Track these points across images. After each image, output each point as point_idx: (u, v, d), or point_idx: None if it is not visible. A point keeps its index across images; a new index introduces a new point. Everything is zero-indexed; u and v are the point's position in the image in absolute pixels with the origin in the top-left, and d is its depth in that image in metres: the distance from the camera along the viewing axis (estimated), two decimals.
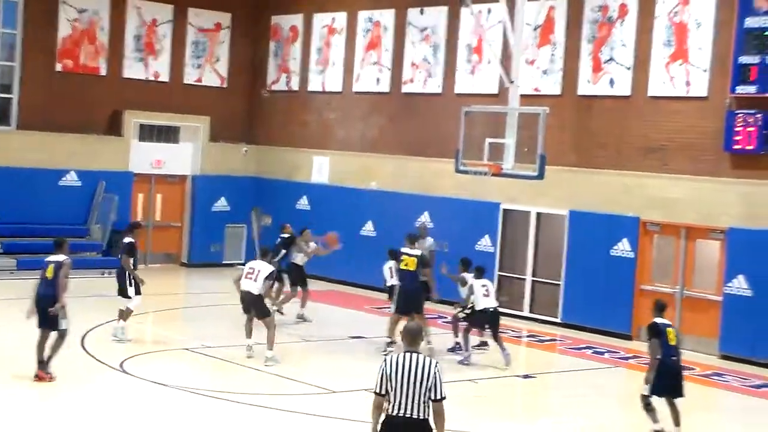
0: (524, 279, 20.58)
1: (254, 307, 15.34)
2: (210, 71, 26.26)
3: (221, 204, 25.75)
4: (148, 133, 25.35)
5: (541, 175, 17.89)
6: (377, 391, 8.03)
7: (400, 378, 7.96)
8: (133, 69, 25.05)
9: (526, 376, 15.49)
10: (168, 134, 25.65)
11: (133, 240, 16.64)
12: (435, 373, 8.00)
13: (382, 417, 8.07)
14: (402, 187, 22.90)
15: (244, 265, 18.21)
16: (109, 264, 23.31)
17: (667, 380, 12.13)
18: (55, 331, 13.47)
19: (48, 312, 13.39)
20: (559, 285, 19.86)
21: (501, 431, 12.55)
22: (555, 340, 18.26)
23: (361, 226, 23.27)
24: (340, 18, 24.79)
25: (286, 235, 18.84)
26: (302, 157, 25.33)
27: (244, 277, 15.38)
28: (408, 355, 8.05)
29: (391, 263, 17.35)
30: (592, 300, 19.15)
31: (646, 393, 12.20)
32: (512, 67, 19.25)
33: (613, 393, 15.74)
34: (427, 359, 8.09)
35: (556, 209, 20.23)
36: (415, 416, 7.97)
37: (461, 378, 15.14)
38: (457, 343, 16.65)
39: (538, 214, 20.62)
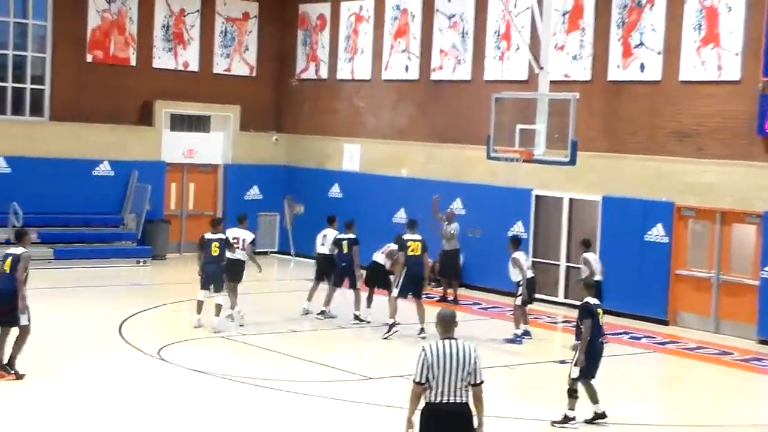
0: (558, 264, 20.59)
1: (239, 273, 16.92)
2: (239, 60, 26.36)
3: (253, 193, 25.90)
4: (179, 123, 25.51)
5: (573, 161, 17.91)
6: (418, 380, 8.08)
7: (443, 365, 8.03)
8: (162, 59, 25.19)
9: (562, 362, 15.47)
10: (199, 123, 25.81)
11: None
12: (475, 357, 8.12)
13: (421, 405, 8.13)
14: (433, 174, 22.94)
15: (277, 253, 18.39)
16: (142, 253, 23.59)
17: (594, 362, 12.02)
18: (16, 327, 12.83)
19: (5, 307, 12.70)
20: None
21: (538, 417, 12.59)
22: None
23: (393, 213, 23.33)
24: (368, 5, 24.82)
25: (352, 236, 17.94)
26: (333, 145, 25.42)
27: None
28: (447, 341, 8.14)
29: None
30: (626, 285, 19.13)
31: (575, 376, 11.94)
32: (541, 53, 19.23)
33: (651, 378, 15.77)
34: (467, 344, 8.17)
35: (588, 195, 20.21)
36: (458, 401, 8.07)
37: (498, 364, 15.21)
38: (516, 334, 16.77)
39: (571, 200, 20.61)
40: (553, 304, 20.27)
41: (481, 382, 8.14)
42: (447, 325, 8.23)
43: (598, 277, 16.77)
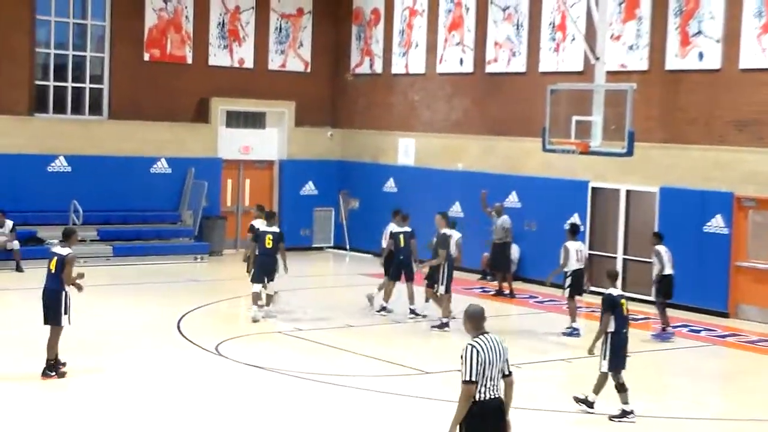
0: (615, 257, 20.38)
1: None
2: (293, 56, 26.45)
3: (309, 188, 25.98)
4: (235, 120, 25.68)
5: (630, 152, 17.71)
6: (474, 378, 8.00)
7: (491, 361, 8.06)
8: (218, 56, 25.36)
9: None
10: (254, 120, 25.95)
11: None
12: (506, 348, 8.23)
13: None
14: (488, 167, 22.84)
15: (333, 248, 18.44)
16: (199, 249, 23.79)
17: (621, 353, 12.01)
18: (54, 326, 12.88)
19: (49, 307, 12.85)
20: (651, 263, 19.57)
21: (597, 411, 12.46)
22: (649, 318, 18.05)
23: (448, 207, 23.20)
24: None
25: (408, 230, 17.93)
26: (387, 139, 25.40)
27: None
28: (486, 336, 8.16)
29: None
30: (685, 277, 18.84)
31: (605, 370, 11.97)
32: (597, 44, 19.04)
33: (711, 372, 15.55)
34: (497, 337, 8.24)
35: (646, 186, 19.98)
36: (499, 395, 8.16)
37: (553, 358, 15.11)
38: (573, 328, 16.67)
39: (628, 192, 20.39)
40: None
41: (511, 372, 8.27)
42: (479, 321, 8.25)
43: (668, 271, 16.74)
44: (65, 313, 12.84)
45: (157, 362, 14.05)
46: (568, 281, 16.78)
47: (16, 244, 21.12)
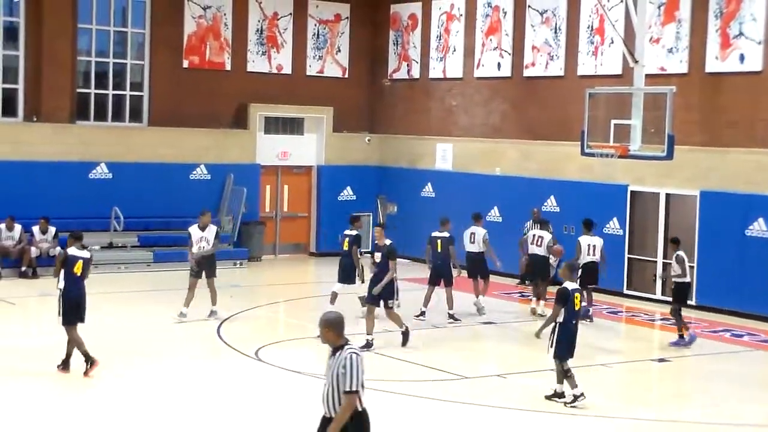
0: (655, 261, 20.24)
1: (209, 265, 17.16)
2: (331, 62, 26.54)
3: (347, 193, 26.05)
4: (273, 126, 25.80)
5: (670, 156, 17.59)
6: (358, 388, 7.94)
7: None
8: (256, 63, 25.50)
9: (661, 360, 15.26)
10: (292, 126, 26.06)
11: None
12: None
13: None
14: (527, 171, 22.78)
15: (371, 253, 18.45)
16: (238, 255, 23.91)
17: (570, 343, 12.46)
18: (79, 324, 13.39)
19: (80, 307, 13.38)
20: (692, 267, 19.46)
21: (638, 416, 12.39)
22: (690, 323, 17.91)
23: (486, 211, 23.20)
24: (459, 4, 24.74)
25: (446, 235, 17.93)
26: (425, 144, 25.41)
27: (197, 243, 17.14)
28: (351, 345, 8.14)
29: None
30: (727, 282, 18.72)
31: (552, 357, 12.45)
32: (636, 47, 18.93)
33: (754, 377, 15.37)
34: None
35: (686, 190, 19.83)
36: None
37: (593, 363, 15.03)
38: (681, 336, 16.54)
39: (668, 195, 20.25)
40: (651, 301, 19.94)
41: None
42: (343, 328, 8.01)
43: (688, 279, 16.55)
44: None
45: (197, 367, 14.14)
46: (578, 273, 16.88)
47: (59, 250, 21.29)
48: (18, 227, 21.04)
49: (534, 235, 18.91)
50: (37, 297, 18.14)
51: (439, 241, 17.79)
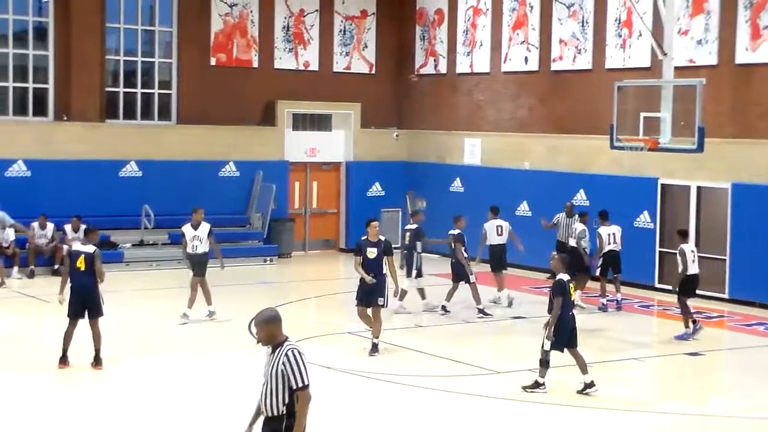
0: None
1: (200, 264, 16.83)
2: (358, 58, 26.56)
3: (376, 189, 26.07)
4: (301, 122, 25.85)
5: (700, 148, 17.46)
6: (308, 382, 7.65)
7: None
8: (283, 60, 25.55)
9: (694, 354, 15.19)
10: (320, 122, 26.11)
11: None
12: None
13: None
14: (555, 165, 22.72)
15: (400, 248, 18.49)
16: (268, 252, 23.99)
17: (566, 333, 12.58)
18: (92, 320, 13.52)
19: (87, 302, 13.47)
20: (724, 260, 19.37)
21: (672, 410, 12.35)
22: (723, 316, 17.82)
23: (516, 206, 23.20)
24: None
25: (456, 232, 17.99)
26: (453, 139, 25.39)
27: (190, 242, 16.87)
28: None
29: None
30: (761, 274, 18.58)
31: (548, 349, 12.58)
32: (665, 39, 18.80)
33: None
34: None
35: (717, 182, 19.71)
36: None
37: (626, 357, 14.99)
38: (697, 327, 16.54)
39: (699, 188, 20.13)
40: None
41: None
42: (281, 324, 7.73)
43: (692, 271, 16.36)
44: (103, 303, 13.61)
45: (229, 363, 14.20)
46: (600, 261, 18.34)
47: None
48: (50, 226, 21.21)
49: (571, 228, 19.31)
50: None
51: (450, 238, 17.84)
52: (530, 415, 12.08)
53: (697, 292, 19.42)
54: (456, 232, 17.84)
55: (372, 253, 14.69)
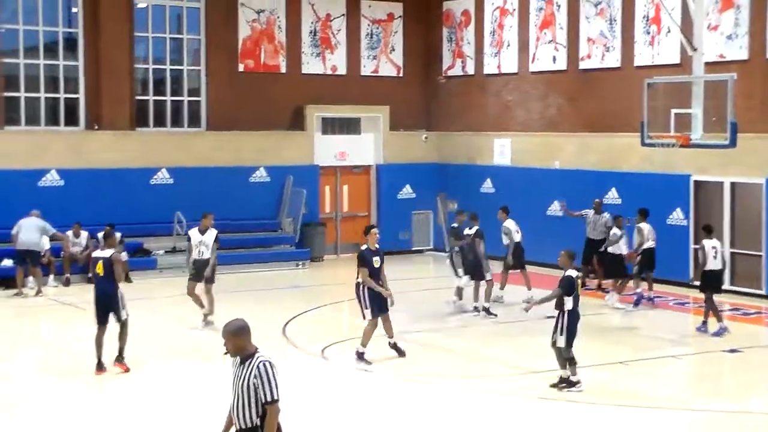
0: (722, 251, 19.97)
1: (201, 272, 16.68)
2: (385, 61, 26.59)
3: (406, 191, 26.08)
4: (330, 126, 25.90)
5: (733, 144, 17.34)
6: (278, 397, 7.49)
7: None
8: (311, 64, 25.61)
9: (732, 351, 15.07)
10: (349, 126, 26.15)
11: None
12: None
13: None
14: (586, 164, 22.63)
15: (432, 251, 18.47)
16: (300, 256, 24.04)
17: (575, 329, 12.66)
18: (117, 323, 13.73)
19: (107, 308, 13.66)
20: (760, 256, 19.20)
21: (710, 408, 12.25)
22: (761, 312, 17.67)
23: (547, 206, 23.13)
24: None
25: (474, 229, 18.09)
26: (483, 140, 25.34)
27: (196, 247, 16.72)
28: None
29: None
30: None
31: (562, 345, 12.57)
32: (694, 35, 18.68)
33: None
34: None
35: (750, 178, 19.56)
36: None
37: (664, 355, 14.90)
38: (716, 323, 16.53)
39: (732, 184, 19.99)
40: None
41: None
42: (250, 334, 7.64)
43: (709, 267, 16.36)
44: (123, 308, 13.70)
45: None
46: (638, 258, 18.47)
47: (124, 256, 21.57)
48: (84, 234, 21.35)
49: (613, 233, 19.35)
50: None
51: (469, 236, 17.91)
52: (566, 414, 12.03)
53: (734, 288, 19.39)
54: (475, 229, 17.77)
55: (376, 261, 14.41)
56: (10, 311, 18.79)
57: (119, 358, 13.82)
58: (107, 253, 13.76)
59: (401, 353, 14.52)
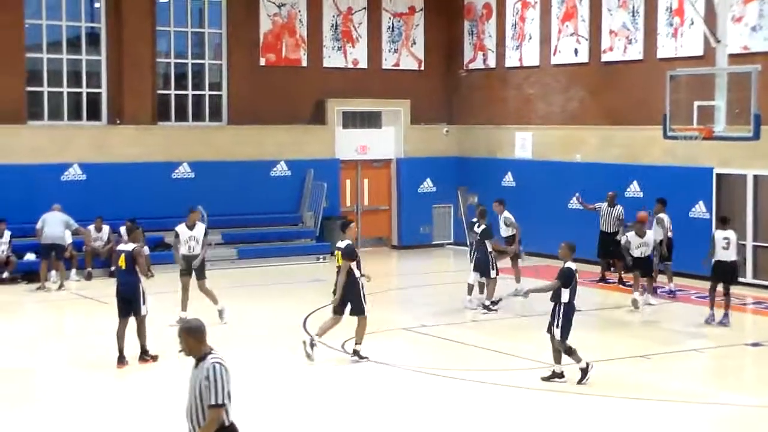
0: (744, 244, 19.84)
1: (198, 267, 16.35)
2: (407, 55, 26.54)
3: (427, 185, 26.04)
4: (351, 120, 25.89)
5: (756, 136, 17.20)
6: (224, 401, 7.25)
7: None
8: (332, 58, 25.60)
9: (755, 344, 14.97)
10: (370, 120, 26.13)
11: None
12: None
13: None
14: (608, 157, 22.53)
15: (452, 244, 18.42)
16: (321, 250, 24.07)
17: (571, 322, 12.66)
18: (136, 318, 13.79)
19: (128, 301, 13.75)
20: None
21: (731, 402, 12.17)
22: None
23: (568, 199, 23.04)
24: None
25: (482, 227, 17.85)
26: (504, 133, 25.27)
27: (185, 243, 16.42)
28: (218, 353, 7.53)
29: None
30: None
31: (559, 338, 12.59)
32: (718, 27, 18.54)
33: None
34: None
35: None
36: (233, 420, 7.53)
37: (685, 348, 14.83)
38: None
39: (756, 177, 19.84)
40: (742, 285, 19.53)
41: None
42: (205, 335, 7.41)
43: (717, 258, 16.42)
44: (144, 303, 13.78)
45: (285, 361, 14.26)
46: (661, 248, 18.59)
47: (146, 250, 21.65)
48: (106, 228, 21.45)
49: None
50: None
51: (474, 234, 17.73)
52: (586, 408, 11.99)
53: (757, 282, 19.26)
54: (482, 228, 17.63)
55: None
56: (33, 305, 18.92)
57: (143, 356, 13.87)
58: (130, 246, 13.87)
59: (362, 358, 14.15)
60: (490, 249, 17.60)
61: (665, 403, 11.99)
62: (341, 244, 14.23)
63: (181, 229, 16.64)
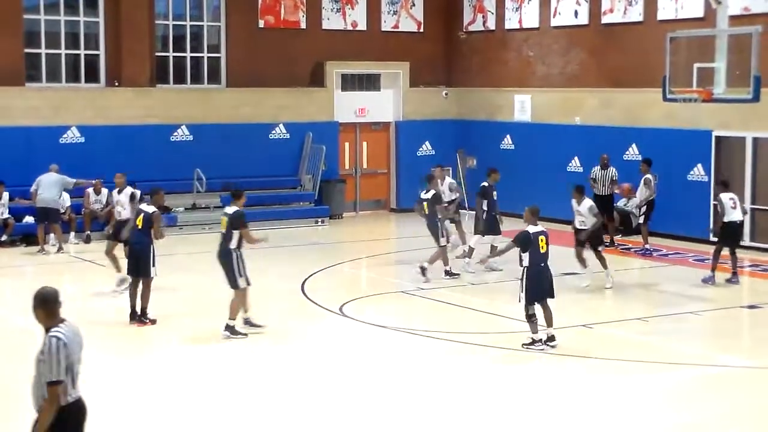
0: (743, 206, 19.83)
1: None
2: (406, 17, 26.38)
3: (426, 148, 25.98)
4: (350, 83, 25.79)
5: (756, 98, 17.13)
6: (61, 377, 6.85)
7: (77, 354, 7.10)
8: (331, 20, 25.44)
9: (751, 307, 15.01)
10: (369, 82, 26.03)
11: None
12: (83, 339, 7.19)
13: None
14: (607, 120, 22.46)
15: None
16: (320, 213, 24.07)
17: (538, 286, 12.46)
18: (142, 280, 13.95)
19: (139, 260, 13.93)
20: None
21: (729, 364, 12.22)
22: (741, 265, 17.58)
23: (567, 162, 23.01)
24: None
25: (430, 195, 17.49)
26: (503, 96, 25.18)
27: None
28: (68, 324, 7.05)
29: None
30: None
31: (524, 303, 12.52)
32: None
33: None
34: (76, 325, 7.16)
35: None
36: (80, 394, 7.18)
37: (682, 311, 14.86)
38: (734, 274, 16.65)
39: (755, 139, 19.80)
40: (739, 247, 19.55)
41: None
42: (55, 305, 6.92)
43: (728, 218, 16.41)
44: (153, 265, 13.97)
45: (283, 324, 14.30)
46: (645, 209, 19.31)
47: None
48: (105, 191, 21.42)
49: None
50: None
51: (425, 204, 17.31)
52: (583, 370, 12.03)
53: (755, 245, 19.27)
54: (433, 191, 17.40)
55: None
56: (32, 268, 18.95)
57: (142, 318, 13.93)
58: (151, 209, 14.10)
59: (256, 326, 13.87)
60: (439, 216, 17.34)
61: (663, 365, 12.03)
62: (229, 209, 13.92)
63: (114, 193, 17.08)
